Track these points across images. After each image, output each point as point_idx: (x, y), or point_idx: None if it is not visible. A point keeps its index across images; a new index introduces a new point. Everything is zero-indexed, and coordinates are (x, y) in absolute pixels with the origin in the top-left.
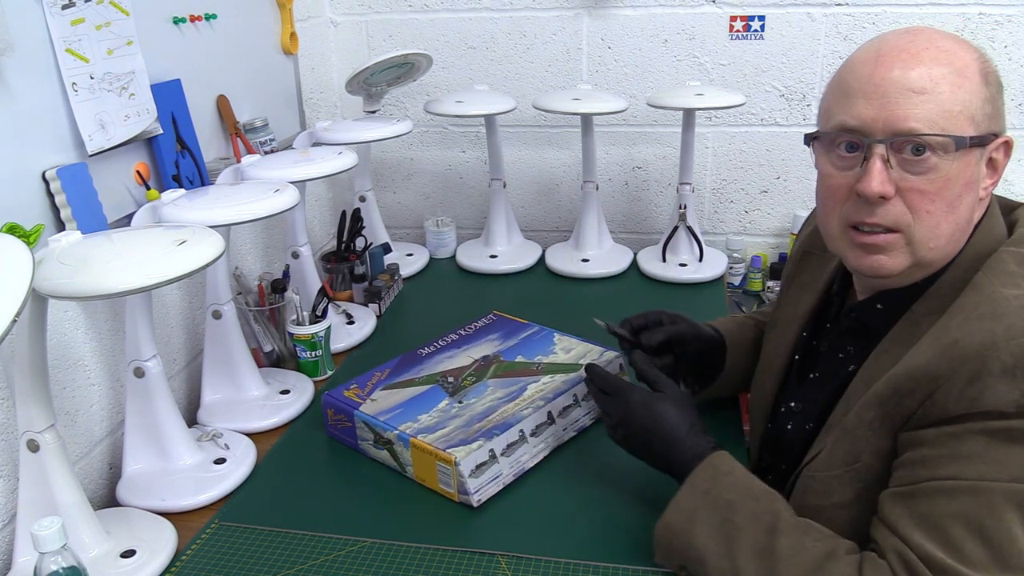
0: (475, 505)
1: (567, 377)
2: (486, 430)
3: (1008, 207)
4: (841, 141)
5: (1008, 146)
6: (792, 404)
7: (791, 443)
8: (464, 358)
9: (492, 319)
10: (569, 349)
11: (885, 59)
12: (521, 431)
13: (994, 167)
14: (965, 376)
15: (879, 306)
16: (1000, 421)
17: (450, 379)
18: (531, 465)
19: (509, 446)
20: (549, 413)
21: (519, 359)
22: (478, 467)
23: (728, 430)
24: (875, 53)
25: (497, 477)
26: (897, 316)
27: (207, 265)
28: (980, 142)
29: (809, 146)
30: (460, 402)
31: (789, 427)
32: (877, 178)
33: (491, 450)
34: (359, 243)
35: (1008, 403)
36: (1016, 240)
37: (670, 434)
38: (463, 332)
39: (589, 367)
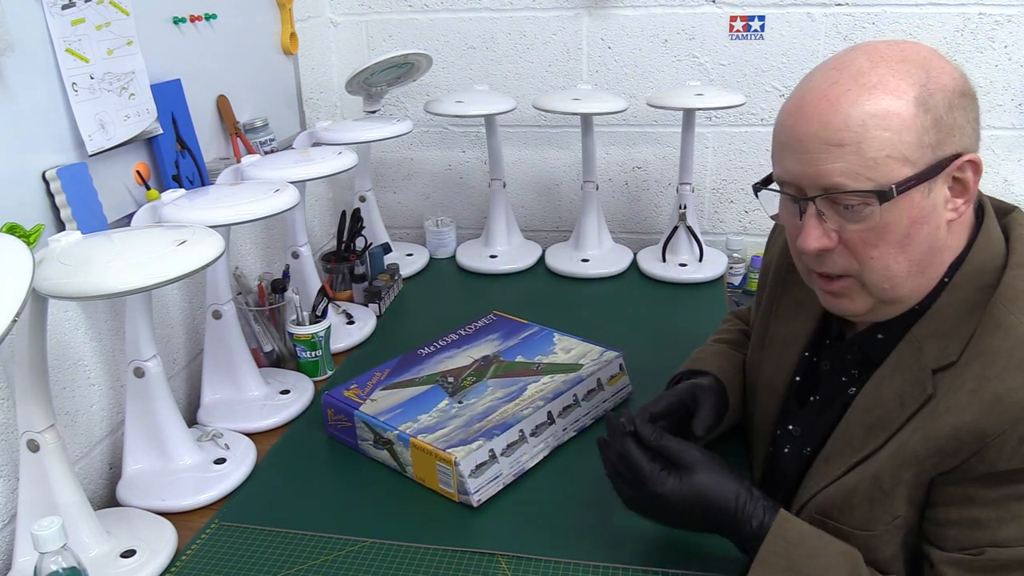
0: (475, 505)
1: (567, 377)
2: (486, 430)
3: (1001, 210)
4: (784, 191)
5: (975, 164)
6: (791, 427)
7: (787, 469)
8: (464, 358)
9: (492, 319)
10: (569, 349)
11: (805, 110)
12: (521, 431)
13: (963, 186)
14: (1018, 435)
15: (880, 336)
16: None
17: (450, 379)
18: (531, 465)
19: (509, 446)
20: (549, 413)
21: (519, 359)
22: (478, 467)
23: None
24: (798, 101)
25: (497, 477)
26: (897, 339)
27: (207, 265)
28: (920, 178)
29: (757, 196)
30: (460, 402)
31: (786, 451)
32: (811, 235)
33: (491, 450)
34: (359, 243)
35: None
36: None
37: (720, 513)
38: (463, 332)
39: (601, 441)
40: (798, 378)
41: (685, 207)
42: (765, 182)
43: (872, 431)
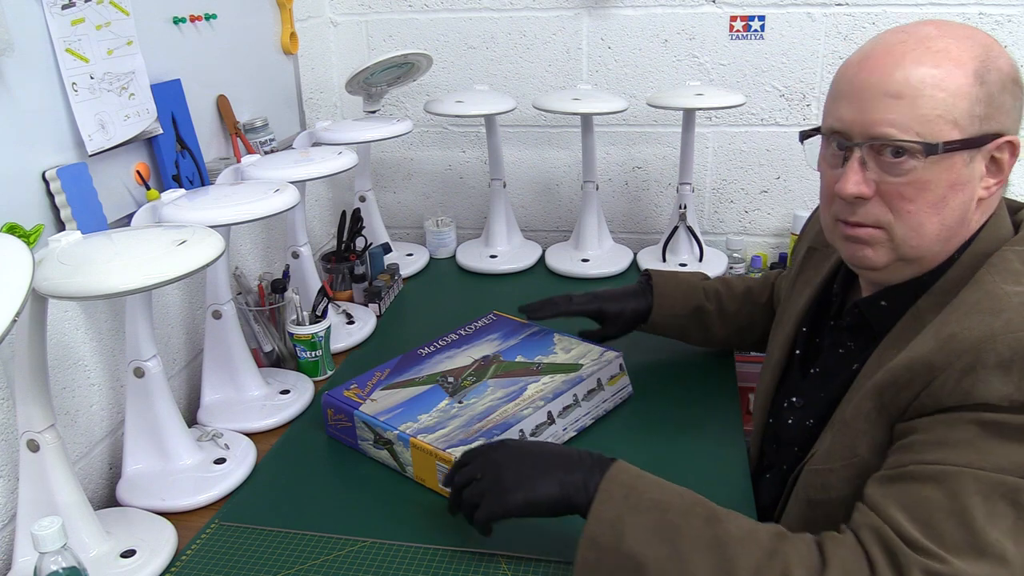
0: None
1: (567, 377)
2: (486, 430)
3: (1015, 207)
4: (831, 140)
5: (1013, 146)
6: (794, 399)
7: (791, 439)
8: (464, 358)
9: (492, 319)
10: (569, 349)
11: (869, 61)
12: (521, 431)
13: (999, 166)
14: (960, 368)
15: (883, 303)
16: (991, 414)
17: (450, 379)
18: None
19: None
20: (549, 413)
21: (519, 359)
22: None
23: (727, 428)
24: (864, 54)
25: None
26: (901, 313)
27: (207, 265)
28: (964, 145)
29: (802, 143)
30: (460, 402)
31: (790, 422)
32: (852, 179)
33: None
34: (359, 243)
35: (1001, 397)
36: (1021, 239)
37: (557, 453)
38: (463, 332)
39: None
40: (797, 351)
41: (685, 207)
42: (811, 132)
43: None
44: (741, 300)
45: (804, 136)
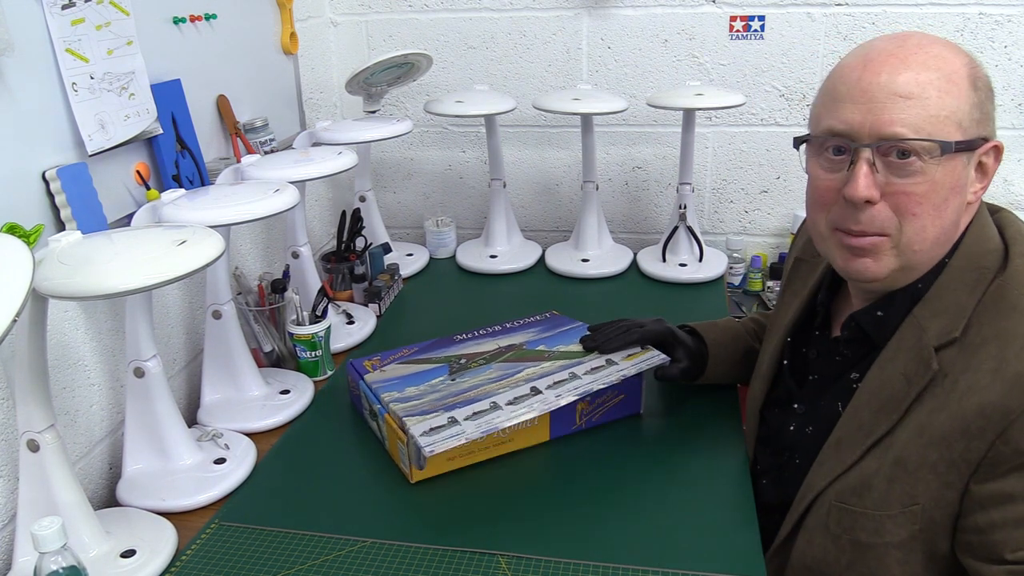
0: (427, 456)
1: (568, 362)
2: (449, 404)
3: (991, 210)
4: (829, 145)
5: (998, 151)
6: (795, 406)
7: (791, 445)
8: (491, 345)
9: (547, 316)
10: None
11: (873, 64)
12: (493, 402)
13: (984, 171)
14: None
15: (879, 313)
16: None
17: (462, 360)
18: (509, 424)
19: (475, 413)
20: (533, 387)
21: (540, 348)
22: (432, 429)
23: (727, 429)
24: (863, 58)
25: (459, 434)
26: (898, 322)
27: (207, 265)
28: (967, 147)
29: (798, 149)
30: (453, 380)
31: (791, 428)
32: (863, 182)
33: (451, 417)
34: (359, 243)
35: None
36: None
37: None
38: (509, 325)
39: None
40: (785, 361)
41: (685, 207)
42: (807, 138)
43: (881, 412)
44: None
45: (800, 141)
